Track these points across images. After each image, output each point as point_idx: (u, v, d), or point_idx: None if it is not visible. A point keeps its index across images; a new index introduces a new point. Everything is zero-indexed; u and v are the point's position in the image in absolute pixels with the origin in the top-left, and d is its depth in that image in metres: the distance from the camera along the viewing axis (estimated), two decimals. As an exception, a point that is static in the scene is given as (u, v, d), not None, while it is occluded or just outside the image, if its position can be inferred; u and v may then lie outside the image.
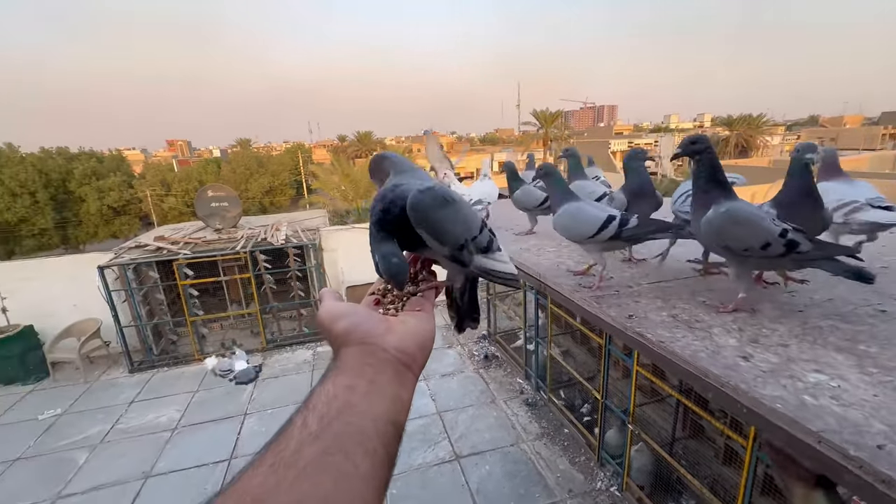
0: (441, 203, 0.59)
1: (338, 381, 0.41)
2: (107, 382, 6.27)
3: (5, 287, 6.22)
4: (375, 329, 0.47)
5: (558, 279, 1.94)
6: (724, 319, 1.40)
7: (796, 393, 1.00)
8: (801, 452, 0.88)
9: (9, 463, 4.70)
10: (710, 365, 1.11)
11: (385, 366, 0.44)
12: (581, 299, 1.68)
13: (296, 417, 0.38)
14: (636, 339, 1.33)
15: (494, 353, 6.52)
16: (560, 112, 35.34)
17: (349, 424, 0.37)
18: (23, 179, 21.43)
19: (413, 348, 0.48)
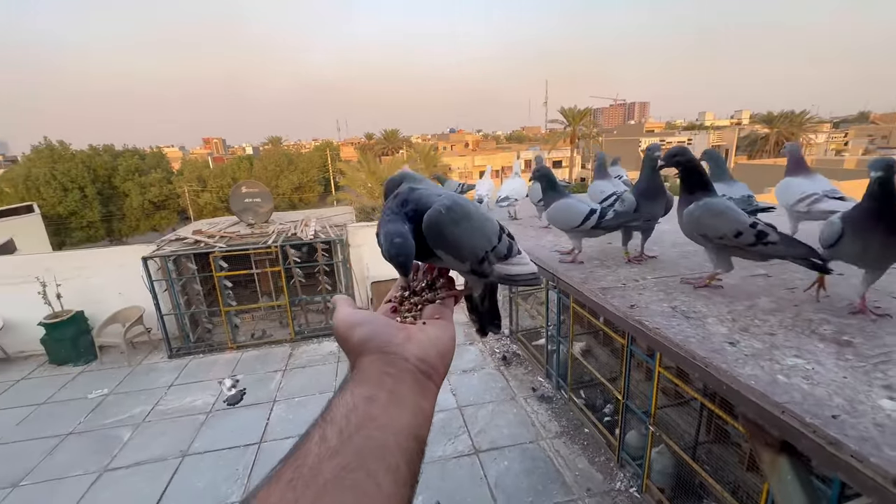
0: (458, 220, 0.57)
1: (357, 392, 0.39)
2: (148, 366, 6.67)
3: (61, 275, 6.71)
4: (394, 338, 0.46)
5: (570, 272, 2.00)
6: (720, 311, 1.47)
7: (772, 373, 1.09)
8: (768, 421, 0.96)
9: (62, 436, 5.10)
10: (697, 348, 1.20)
11: (405, 375, 0.43)
12: (589, 290, 1.75)
13: (313, 431, 0.36)
14: (635, 325, 1.40)
15: (516, 351, 6.55)
16: (589, 109, 34.64)
17: (370, 439, 0.35)
18: (73, 175, 22.88)
19: (434, 357, 0.47)
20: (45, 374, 6.52)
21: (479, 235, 0.60)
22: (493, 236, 0.63)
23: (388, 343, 0.45)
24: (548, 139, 40.56)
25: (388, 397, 0.40)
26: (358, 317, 0.48)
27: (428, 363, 0.45)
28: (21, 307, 6.72)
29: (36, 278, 6.54)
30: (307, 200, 29.32)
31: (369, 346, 0.45)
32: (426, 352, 0.46)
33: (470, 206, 0.60)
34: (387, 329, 0.47)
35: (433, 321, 0.53)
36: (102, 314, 6.97)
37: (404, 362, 0.44)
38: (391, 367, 0.43)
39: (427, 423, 0.42)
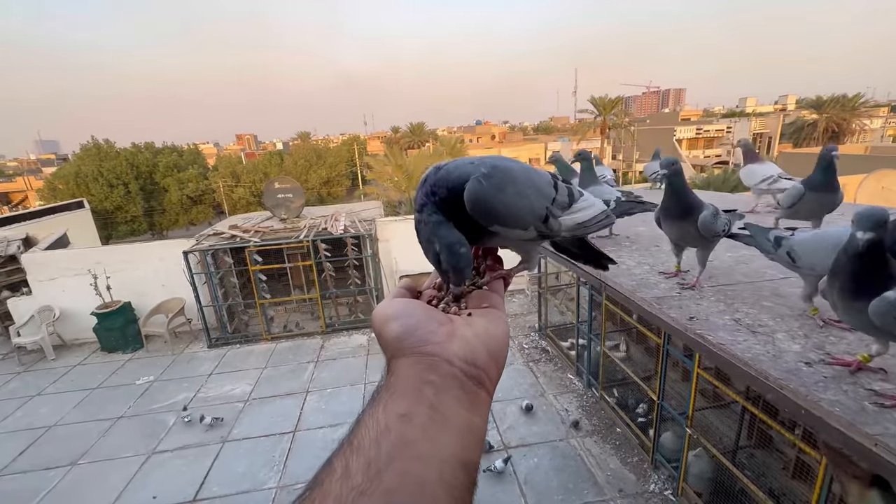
0: (504, 183, 0.49)
1: (390, 408, 0.32)
2: (189, 355, 7.01)
3: (110, 268, 7.12)
4: (435, 334, 0.38)
5: (618, 278, 1.94)
6: (789, 325, 1.36)
7: (857, 399, 0.99)
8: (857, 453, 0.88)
9: (114, 420, 5.44)
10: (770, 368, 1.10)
11: (450, 383, 0.35)
12: (641, 299, 1.68)
13: (336, 460, 0.30)
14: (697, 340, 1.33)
15: (545, 347, 6.47)
16: (620, 98, 33.51)
17: (405, 476, 0.28)
18: (118, 172, 24.14)
19: (484, 358, 0.39)
20: (97, 361, 6.96)
21: (533, 192, 0.52)
22: (547, 188, 0.54)
23: (427, 341, 0.38)
24: (577, 130, 39.54)
25: (429, 415, 0.32)
26: (394, 308, 0.41)
27: (477, 366, 0.38)
28: (75, 298, 7.18)
29: (88, 271, 6.97)
30: (335, 194, 29.84)
31: (405, 344, 0.38)
32: (474, 351, 0.38)
33: (511, 163, 0.52)
34: (426, 323, 0.39)
35: (480, 310, 0.44)
36: (147, 305, 7.35)
37: (448, 366, 0.36)
38: (432, 372, 0.35)
39: (479, 445, 0.35)
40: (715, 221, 2.00)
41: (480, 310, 0.45)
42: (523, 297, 8.33)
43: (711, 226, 1.97)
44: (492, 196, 0.47)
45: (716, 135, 40.28)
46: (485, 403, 0.38)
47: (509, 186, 0.49)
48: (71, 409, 5.72)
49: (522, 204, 0.50)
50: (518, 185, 0.50)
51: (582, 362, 5.55)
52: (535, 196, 0.52)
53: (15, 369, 6.78)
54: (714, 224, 2.00)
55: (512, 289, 8.47)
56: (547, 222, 0.53)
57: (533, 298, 8.03)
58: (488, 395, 0.38)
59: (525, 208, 0.51)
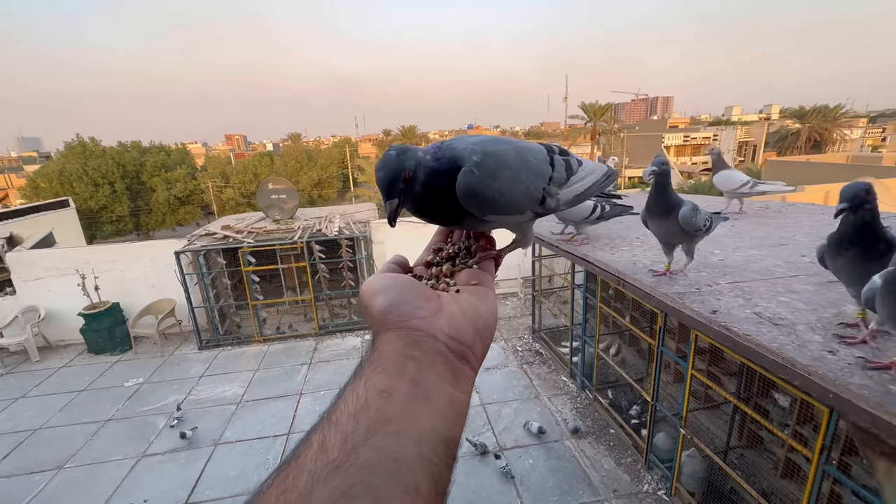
0: (497, 171, 0.47)
1: (371, 384, 0.32)
2: (179, 357, 6.90)
3: (98, 268, 6.99)
4: (421, 309, 0.38)
5: (637, 275, 2.00)
6: (808, 318, 1.44)
7: (882, 383, 1.06)
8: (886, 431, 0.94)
9: (102, 422, 5.33)
10: (797, 356, 1.17)
11: (434, 359, 0.35)
12: (663, 295, 1.73)
13: (313, 436, 0.30)
14: (722, 332, 1.38)
15: (539, 349, 6.53)
16: (610, 105, 34.01)
17: (382, 450, 0.28)
18: (104, 171, 23.70)
19: (470, 334, 0.38)
20: (84, 363, 6.81)
21: (528, 175, 0.50)
22: (544, 166, 0.52)
23: (412, 316, 0.37)
24: (567, 135, 40.00)
25: (410, 390, 0.32)
26: (382, 282, 0.40)
27: (462, 341, 0.38)
28: (61, 298, 7.03)
29: (76, 271, 6.83)
30: (326, 196, 29.70)
31: (390, 319, 0.37)
32: (460, 328, 0.38)
33: (504, 146, 0.50)
34: (412, 298, 0.39)
35: (469, 287, 0.44)
36: (136, 306, 7.23)
37: (432, 341, 0.36)
38: (415, 348, 0.35)
39: (461, 420, 0.34)
40: (694, 216, 2.13)
41: (469, 287, 0.44)
42: (516, 300, 8.39)
43: (691, 220, 2.10)
44: (484, 186, 0.46)
45: (703, 142, 41.10)
46: (469, 379, 0.37)
47: (503, 172, 0.47)
48: (57, 411, 5.59)
49: (518, 190, 0.48)
50: (512, 169, 0.48)
51: (576, 364, 5.61)
52: (530, 178, 0.50)
53: (-3, 371, 6.61)
54: (694, 219, 2.13)
55: (505, 292, 8.53)
56: (544, 203, 0.52)
57: (526, 301, 8.09)
58: (472, 371, 0.38)
59: (521, 193, 0.49)
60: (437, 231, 0.55)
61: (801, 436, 3.07)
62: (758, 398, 3.61)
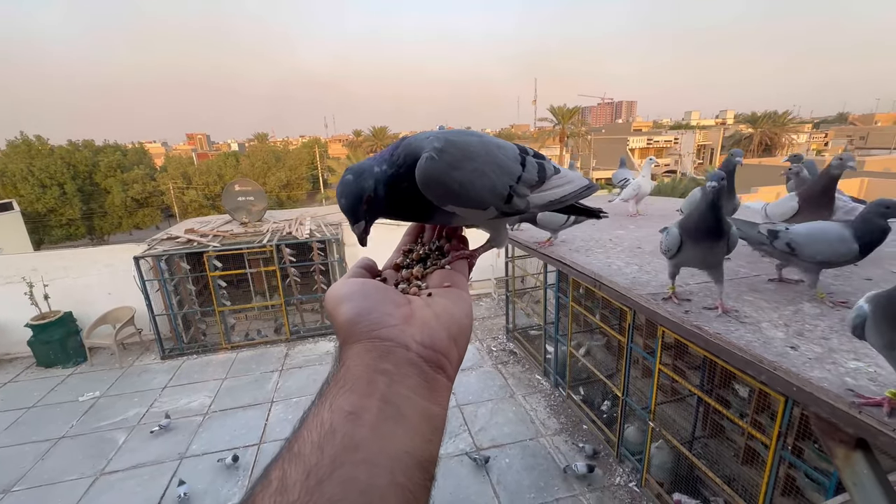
0: (459, 161, 0.44)
1: (337, 405, 0.29)
2: (140, 368, 6.55)
3: (48, 275, 6.54)
4: (391, 317, 0.35)
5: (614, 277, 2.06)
6: (770, 316, 1.54)
7: (839, 375, 1.16)
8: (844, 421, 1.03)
9: (54, 441, 4.99)
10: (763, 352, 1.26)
11: (406, 371, 0.32)
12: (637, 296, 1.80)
13: (273, 471, 0.26)
14: (694, 331, 1.46)
15: (513, 349, 6.61)
16: (578, 108, 34.94)
17: (349, 484, 0.25)
18: (52, 171, 22.23)
19: (444, 341, 0.36)
20: (32, 377, 6.36)
21: (493, 170, 0.47)
22: (513, 164, 0.49)
23: (381, 324, 0.34)
24: (536, 137, 40.79)
25: (380, 408, 0.29)
26: (348, 288, 0.38)
27: (436, 349, 0.35)
28: (6, 308, 6.54)
29: (22, 278, 6.37)
30: (295, 198, 29.00)
31: (358, 329, 0.34)
32: (434, 334, 0.35)
33: (470, 137, 0.48)
34: (381, 305, 0.36)
35: (442, 290, 0.41)
36: (92, 315, 6.81)
37: (404, 351, 0.33)
38: (386, 360, 0.32)
39: (437, 435, 0.32)
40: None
41: (442, 289, 0.41)
42: (490, 301, 8.47)
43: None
44: (444, 174, 0.44)
45: (665, 145, 42.91)
46: (445, 389, 0.34)
47: (466, 163, 0.45)
48: (1, 430, 5.19)
49: (481, 183, 0.46)
50: (476, 161, 0.46)
51: (549, 363, 5.72)
52: (496, 174, 0.47)
53: (-69, 390, 6.06)
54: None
55: (479, 293, 8.59)
56: (511, 201, 0.48)
57: (500, 302, 8.18)
58: (448, 381, 0.35)
59: (484, 187, 0.46)
60: (406, 231, 0.53)
61: (759, 424, 3.25)
62: (720, 389, 3.80)
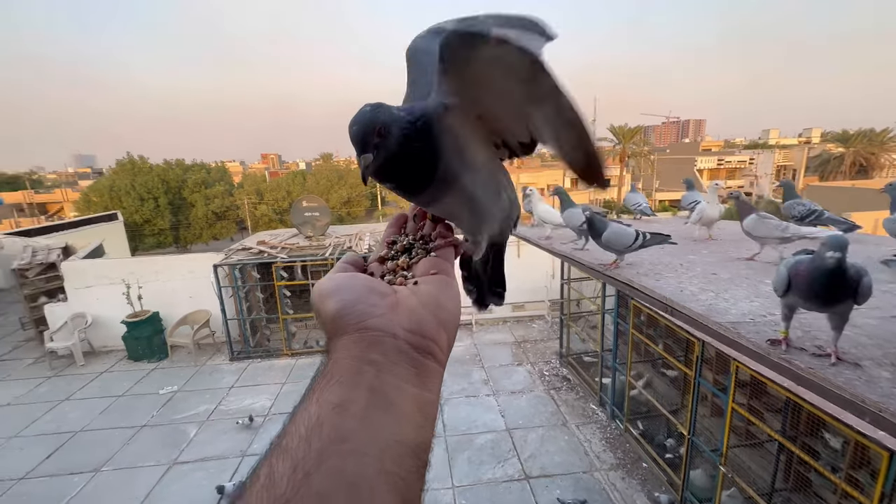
0: None
1: (324, 399, 0.29)
2: (211, 367, 7.11)
3: (142, 278, 7.36)
4: (377, 307, 0.35)
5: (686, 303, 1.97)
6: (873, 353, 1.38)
7: None
8: None
9: (137, 428, 5.52)
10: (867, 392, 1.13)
11: (395, 359, 0.32)
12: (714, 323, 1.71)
13: (262, 467, 0.27)
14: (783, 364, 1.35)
15: (566, 375, 6.36)
16: (640, 128, 33.71)
17: (337, 475, 0.25)
18: (150, 187, 25.18)
19: (433, 326, 0.36)
20: (124, 369, 7.12)
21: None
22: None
23: (368, 315, 0.34)
24: (595, 157, 39.65)
25: (368, 399, 0.29)
26: (334, 283, 0.37)
27: (425, 335, 0.35)
28: (108, 306, 7.42)
29: (122, 280, 7.22)
30: (355, 214, 30.40)
31: (345, 322, 0.34)
32: (421, 320, 0.35)
33: None
34: (367, 296, 0.36)
35: (428, 277, 0.41)
36: (174, 316, 7.54)
37: (392, 340, 0.33)
38: (373, 350, 0.32)
39: (430, 422, 0.32)
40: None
41: (428, 277, 0.41)
42: (543, 324, 8.25)
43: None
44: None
45: (738, 166, 39.93)
46: (436, 374, 0.34)
47: None
48: (97, 415, 5.84)
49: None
50: None
51: (605, 392, 5.43)
52: None
53: (46, 373, 6.98)
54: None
55: (531, 314, 8.41)
56: None
57: (553, 325, 7.94)
58: (439, 366, 0.35)
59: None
60: (389, 223, 0.53)
61: (856, 481, 2.85)
62: (806, 437, 3.39)
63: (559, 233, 4.44)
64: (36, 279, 7.82)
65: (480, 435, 5.10)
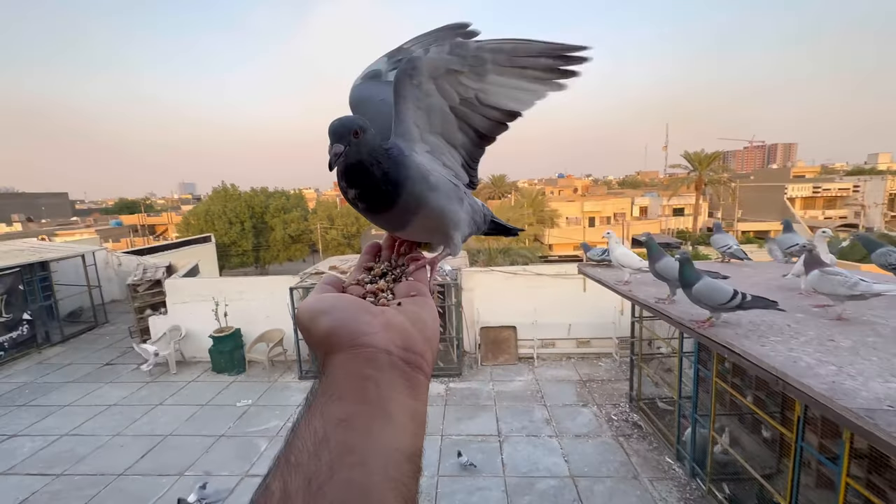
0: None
1: (328, 414, 0.32)
2: (282, 384, 7.54)
3: (228, 297, 8.12)
4: (370, 325, 0.37)
5: (804, 378, 1.75)
6: None
7: None
8: None
9: (216, 438, 5.96)
10: None
11: (391, 374, 0.35)
12: (843, 409, 1.48)
13: (273, 482, 0.29)
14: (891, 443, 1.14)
15: (637, 422, 5.89)
16: (718, 153, 31.49)
17: (349, 485, 0.28)
18: (238, 212, 27.98)
19: (420, 343, 0.39)
20: (208, 380, 7.78)
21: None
22: None
23: (362, 333, 0.37)
24: (668, 185, 37.61)
25: (370, 413, 0.32)
26: (324, 302, 0.40)
27: (415, 351, 0.38)
28: (198, 320, 8.24)
29: (212, 298, 8.00)
30: (417, 241, 31.21)
31: (338, 339, 0.36)
32: (410, 337, 0.38)
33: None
34: (359, 315, 0.38)
35: (409, 299, 0.44)
36: (253, 333, 8.16)
37: (386, 356, 0.36)
38: (370, 366, 0.35)
39: (422, 429, 0.35)
40: None
41: (409, 298, 0.45)
42: (611, 362, 7.76)
43: None
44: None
45: (839, 194, 35.55)
46: (424, 387, 0.38)
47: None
48: (183, 421, 6.41)
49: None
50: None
51: (684, 445, 4.93)
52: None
53: (145, 379, 7.84)
54: None
55: (597, 352, 7.97)
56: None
57: (622, 364, 7.45)
58: (427, 379, 0.38)
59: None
60: (364, 250, 0.57)
61: None
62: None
63: (639, 277, 4.22)
64: (144, 293, 8.94)
65: (542, 479, 4.84)
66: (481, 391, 6.86)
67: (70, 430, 6.20)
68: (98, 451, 5.72)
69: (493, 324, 7.85)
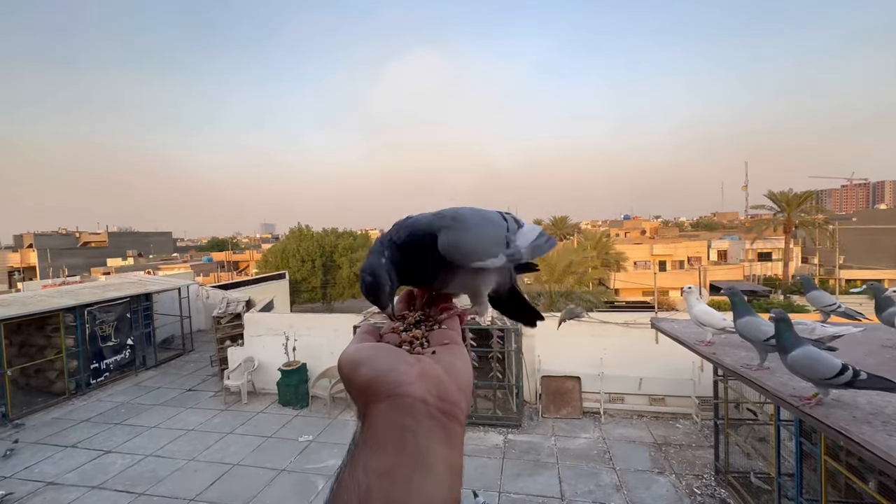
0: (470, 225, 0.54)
1: (370, 466, 0.33)
2: (342, 421, 7.66)
3: (297, 332, 8.59)
4: (407, 375, 0.38)
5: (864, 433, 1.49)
6: None
7: None
8: None
9: (277, 471, 6.12)
10: None
11: (428, 424, 0.36)
12: None
13: None
14: None
15: (726, 498, 5.13)
16: (811, 192, 28.57)
17: None
18: (310, 250, 30.09)
19: (455, 392, 0.39)
20: (274, 412, 8.14)
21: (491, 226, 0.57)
22: (499, 219, 0.60)
23: (400, 382, 0.37)
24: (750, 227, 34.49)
25: (411, 464, 0.33)
26: (363, 353, 0.41)
27: (450, 401, 0.38)
28: (270, 353, 8.77)
29: (283, 332, 8.51)
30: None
31: (377, 389, 0.37)
32: (446, 387, 0.39)
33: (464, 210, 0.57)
34: (396, 365, 0.39)
35: (443, 347, 0.45)
36: (318, 368, 8.48)
37: (423, 406, 0.36)
38: (408, 415, 0.35)
39: (458, 480, 0.35)
40: None
41: (442, 346, 0.45)
42: (690, 424, 6.96)
43: None
44: (464, 237, 0.52)
45: (972, 240, 30.17)
46: (460, 437, 0.38)
47: (475, 219, 0.55)
48: (249, 452, 6.69)
49: (489, 236, 0.55)
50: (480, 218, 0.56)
51: (787, 534, 4.18)
52: (494, 229, 0.58)
53: (220, 406, 8.38)
54: None
55: (674, 410, 7.21)
56: (510, 246, 0.57)
57: (704, 428, 6.65)
58: (461, 428, 0.38)
59: (490, 239, 0.55)
60: (399, 299, 0.57)
61: None
62: None
63: (722, 338, 3.83)
64: (226, 325, 9.75)
65: (612, 556, 4.33)
66: (542, 446, 6.44)
67: (154, 451, 6.73)
68: (175, 473, 6.12)
69: (556, 373, 7.46)
